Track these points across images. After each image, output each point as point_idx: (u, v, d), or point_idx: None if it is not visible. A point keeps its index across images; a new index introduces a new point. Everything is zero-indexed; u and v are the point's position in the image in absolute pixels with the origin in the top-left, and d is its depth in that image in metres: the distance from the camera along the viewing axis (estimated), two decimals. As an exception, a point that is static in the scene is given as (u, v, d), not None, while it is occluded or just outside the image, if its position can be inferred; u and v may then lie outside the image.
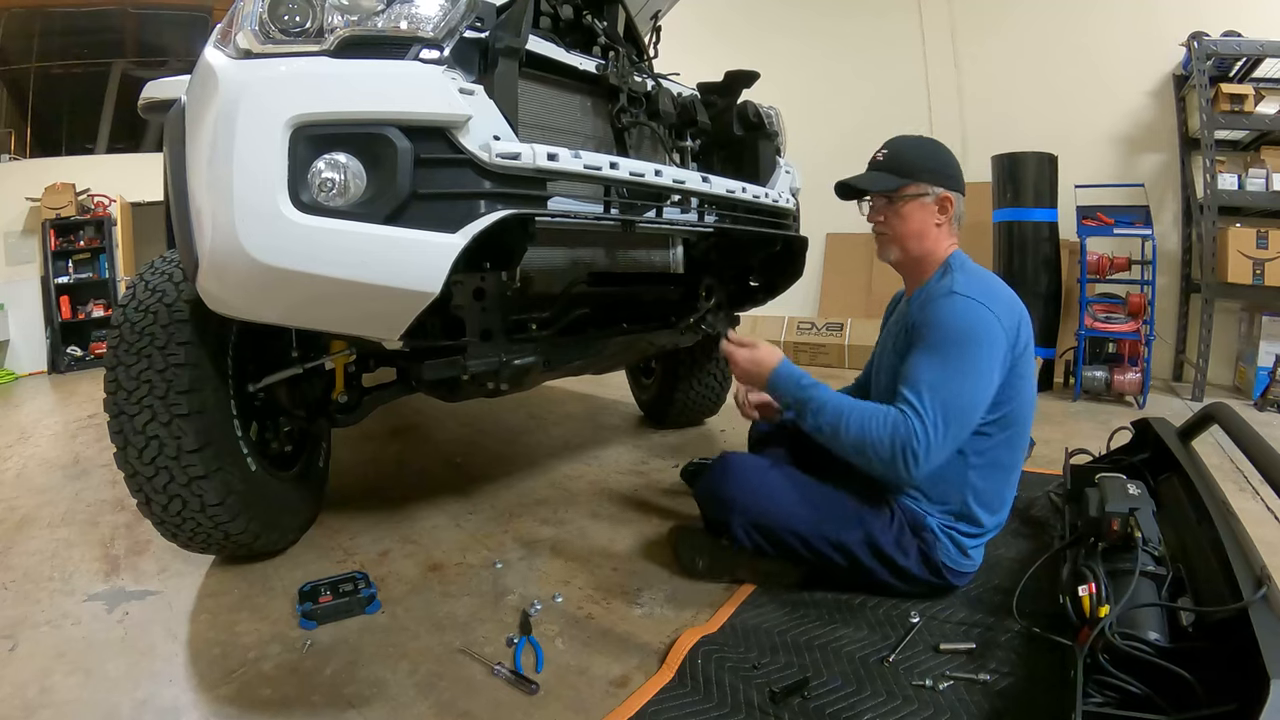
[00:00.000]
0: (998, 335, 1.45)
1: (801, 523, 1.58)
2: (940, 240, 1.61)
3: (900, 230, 1.61)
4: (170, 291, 1.73)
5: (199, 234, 1.35)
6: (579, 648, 1.50)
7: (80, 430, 3.83)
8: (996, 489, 1.60)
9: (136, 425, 1.63)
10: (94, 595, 1.80)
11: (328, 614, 1.62)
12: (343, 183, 1.26)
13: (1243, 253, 3.99)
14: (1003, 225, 4.40)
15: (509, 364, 1.64)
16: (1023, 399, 1.54)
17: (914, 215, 1.59)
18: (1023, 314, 1.53)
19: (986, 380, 1.45)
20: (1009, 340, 1.47)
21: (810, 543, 1.58)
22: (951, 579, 1.60)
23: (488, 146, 1.31)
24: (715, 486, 1.68)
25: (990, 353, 1.45)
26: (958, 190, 1.60)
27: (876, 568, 1.57)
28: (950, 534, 1.57)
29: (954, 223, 1.61)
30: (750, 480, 1.63)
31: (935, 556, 1.56)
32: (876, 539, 1.55)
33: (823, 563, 1.60)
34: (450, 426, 3.50)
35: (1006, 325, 1.46)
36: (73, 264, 6.57)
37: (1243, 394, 4.15)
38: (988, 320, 1.45)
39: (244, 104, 1.24)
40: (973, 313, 1.45)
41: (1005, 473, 1.61)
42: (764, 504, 1.60)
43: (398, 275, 1.28)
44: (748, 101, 2.32)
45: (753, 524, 1.61)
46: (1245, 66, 4.13)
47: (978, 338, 1.44)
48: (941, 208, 1.58)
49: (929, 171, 1.58)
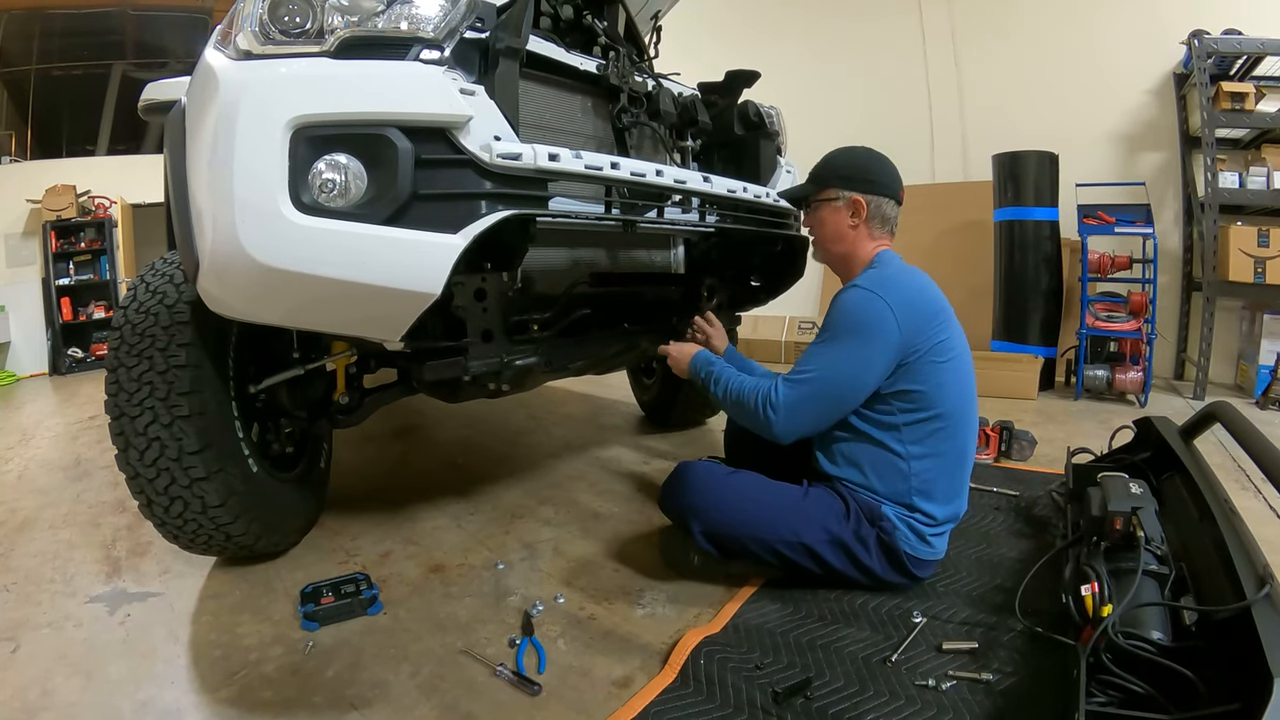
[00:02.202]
0: (885, 322, 1.52)
1: (760, 528, 1.61)
2: (859, 242, 1.69)
3: (818, 234, 1.74)
4: (171, 293, 1.72)
5: (199, 235, 1.35)
6: (581, 648, 1.50)
7: (81, 432, 3.83)
8: (941, 479, 1.62)
9: (138, 427, 1.63)
10: (95, 597, 1.80)
11: (329, 615, 1.62)
12: (343, 183, 1.26)
13: (1244, 251, 3.99)
14: (1004, 224, 4.40)
15: (510, 365, 1.64)
16: (943, 387, 1.58)
17: (828, 219, 1.70)
18: (934, 307, 1.59)
19: (863, 362, 1.53)
20: (902, 328, 1.52)
21: (772, 546, 1.60)
22: (913, 568, 1.62)
23: (488, 147, 1.31)
24: (673, 496, 1.71)
25: (872, 338, 1.52)
26: (876, 194, 1.67)
27: (840, 564, 1.60)
28: (907, 522, 1.60)
29: (873, 224, 1.68)
30: (707, 489, 1.66)
31: (896, 545, 1.58)
32: (836, 533, 1.59)
33: (789, 565, 1.62)
34: (451, 427, 3.50)
35: (900, 314, 1.52)
36: (73, 265, 6.57)
37: (1244, 392, 4.15)
38: (876, 308, 1.52)
39: (244, 105, 1.24)
40: (863, 300, 1.55)
41: (947, 462, 1.62)
42: (721, 512, 1.63)
43: (398, 276, 1.28)
44: (748, 101, 2.31)
45: (711, 532, 1.63)
46: (1246, 64, 4.12)
47: (861, 323, 1.53)
48: (854, 211, 1.67)
49: (842, 178, 1.68)
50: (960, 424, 1.63)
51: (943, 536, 1.67)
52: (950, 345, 1.60)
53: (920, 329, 1.55)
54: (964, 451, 1.66)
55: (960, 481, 1.68)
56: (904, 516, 1.61)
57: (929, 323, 1.57)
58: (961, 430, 1.64)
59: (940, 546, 1.67)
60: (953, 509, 1.67)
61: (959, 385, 1.62)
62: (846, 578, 1.63)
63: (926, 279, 1.66)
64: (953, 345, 1.61)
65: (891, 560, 1.61)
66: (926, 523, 1.62)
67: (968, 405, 1.66)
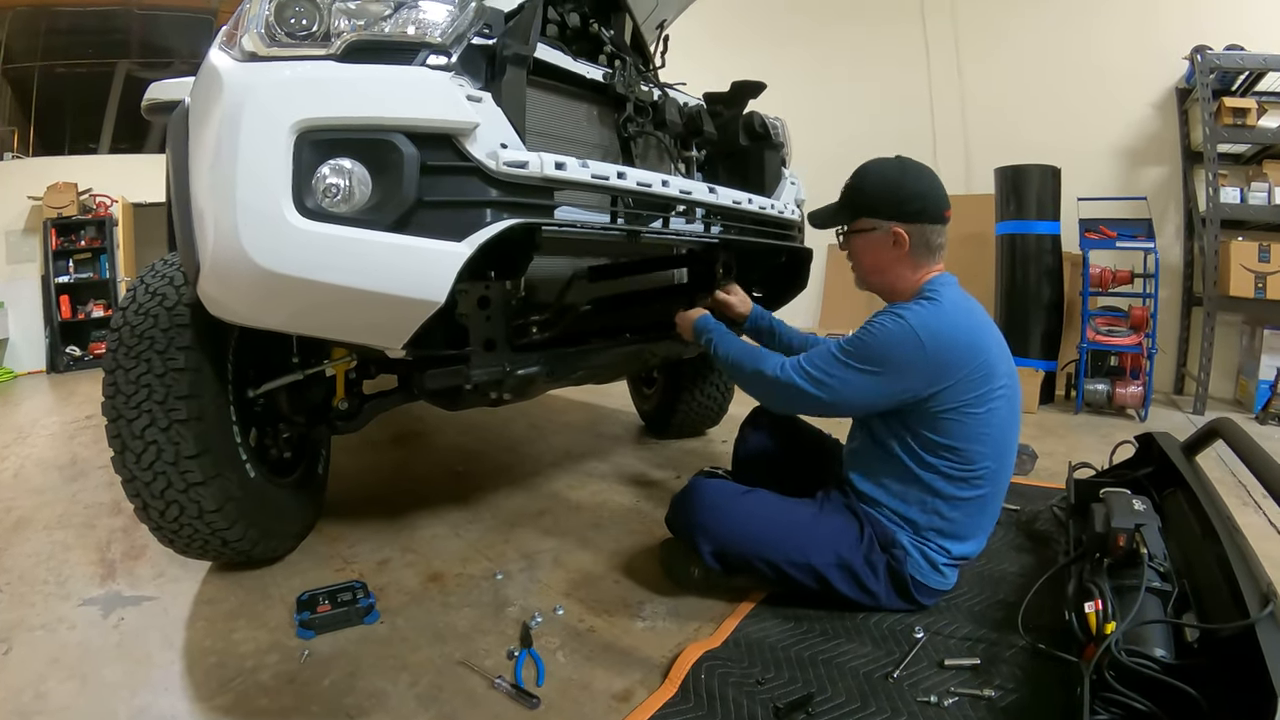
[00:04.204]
0: (914, 365, 1.44)
1: (770, 549, 1.58)
2: (904, 272, 1.58)
3: (859, 263, 1.65)
4: (170, 295, 1.71)
5: (201, 238, 1.34)
6: (581, 661, 1.48)
7: (79, 431, 3.81)
8: (969, 521, 1.60)
9: (135, 430, 1.61)
10: (89, 600, 1.78)
11: (326, 624, 1.60)
12: (347, 189, 1.25)
13: (1245, 266, 4.00)
14: (1005, 238, 4.40)
15: (513, 374, 1.63)
16: (982, 440, 1.52)
17: (867, 250, 1.60)
18: (977, 352, 1.48)
19: (876, 392, 1.48)
20: (931, 376, 1.45)
21: (779, 568, 1.58)
22: (918, 594, 1.59)
23: (495, 155, 1.30)
24: (682, 513, 1.69)
25: (895, 376, 1.45)
26: (917, 221, 1.53)
27: (846, 589, 1.58)
28: (923, 550, 1.58)
29: (918, 253, 1.55)
30: (718, 508, 1.63)
31: (905, 572, 1.56)
32: (846, 558, 1.56)
33: (796, 587, 1.60)
34: (451, 434, 3.48)
35: (933, 361, 1.44)
36: (73, 264, 6.56)
37: (1244, 407, 4.15)
38: (910, 350, 1.44)
39: (249, 107, 1.23)
40: (899, 336, 1.45)
41: (981, 506, 1.60)
42: (731, 532, 1.60)
43: (402, 283, 1.27)
44: (754, 112, 2.31)
45: (720, 551, 1.61)
46: (1248, 80, 4.14)
47: (889, 358, 1.45)
48: (895, 241, 1.55)
49: (881, 205, 1.56)
50: (999, 471, 1.60)
51: (955, 569, 1.65)
52: (990, 395, 1.51)
53: (954, 375, 1.47)
54: (998, 496, 1.64)
55: (987, 524, 1.66)
56: (920, 545, 1.59)
57: (966, 368, 1.47)
58: (1001, 477, 1.61)
59: (951, 579, 1.65)
60: (971, 547, 1.65)
61: (999, 435, 1.55)
62: (851, 602, 1.61)
63: (980, 317, 1.56)
64: (993, 394, 1.51)
65: (898, 587, 1.59)
66: (942, 554, 1.59)
67: (1008, 454, 1.62)
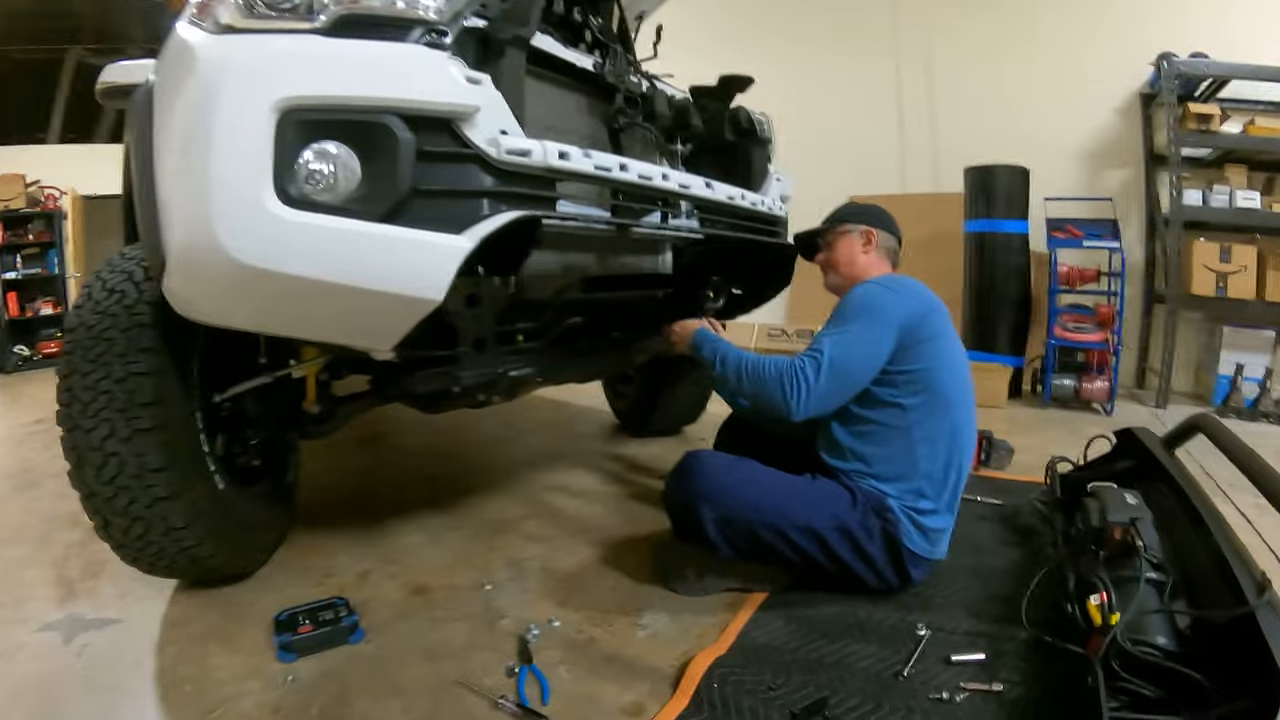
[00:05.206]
0: (890, 308, 1.66)
1: (771, 513, 1.62)
2: (869, 266, 1.88)
3: (833, 259, 1.93)
4: (130, 292, 1.58)
5: (166, 229, 1.22)
6: (585, 675, 1.42)
7: (28, 436, 3.57)
8: (937, 456, 1.68)
9: (93, 441, 1.49)
10: (49, 624, 1.65)
11: (308, 645, 1.49)
12: (335, 175, 1.15)
13: (1207, 266, 4.13)
14: (974, 235, 4.46)
15: (504, 376, 1.55)
16: (941, 368, 1.69)
17: (843, 246, 1.91)
18: (934, 305, 1.74)
19: (872, 340, 1.64)
20: (905, 314, 1.66)
21: (784, 533, 1.61)
22: (911, 566, 1.66)
23: (495, 142, 1.22)
24: (683, 484, 1.69)
25: (878, 318, 1.65)
26: (884, 229, 1.91)
27: (846, 554, 1.63)
28: (910, 514, 1.64)
29: (882, 253, 1.90)
30: (718, 475, 1.68)
31: (899, 539, 1.63)
32: (843, 520, 1.62)
33: (798, 555, 1.63)
34: (421, 434, 3.36)
35: (906, 305, 1.68)
36: (21, 259, 6.20)
37: (1203, 401, 4.31)
38: (883, 296, 1.69)
39: (226, 83, 1.13)
40: (872, 290, 1.72)
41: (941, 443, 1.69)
42: (733, 497, 1.63)
43: (396, 279, 1.18)
44: (740, 107, 2.27)
45: (724, 519, 1.62)
46: (1211, 87, 4.27)
47: (870, 308, 1.67)
48: (866, 239, 1.89)
49: (854, 216, 1.93)
50: (960, 409, 1.72)
51: (943, 536, 1.72)
52: (946, 336, 1.74)
53: (920, 319, 1.68)
54: (950, 434, 1.70)
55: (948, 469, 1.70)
56: (907, 510, 1.65)
57: (928, 315, 1.70)
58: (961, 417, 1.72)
59: (942, 548, 1.72)
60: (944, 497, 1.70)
61: (955, 369, 1.74)
62: (850, 570, 1.65)
63: (925, 286, 1.80)
64: (949, 336, 1.75)
65: (892, 553, 1.64)
66: (926, 509, 1.66)
67: (965, 394, 1.76)
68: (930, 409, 1.68)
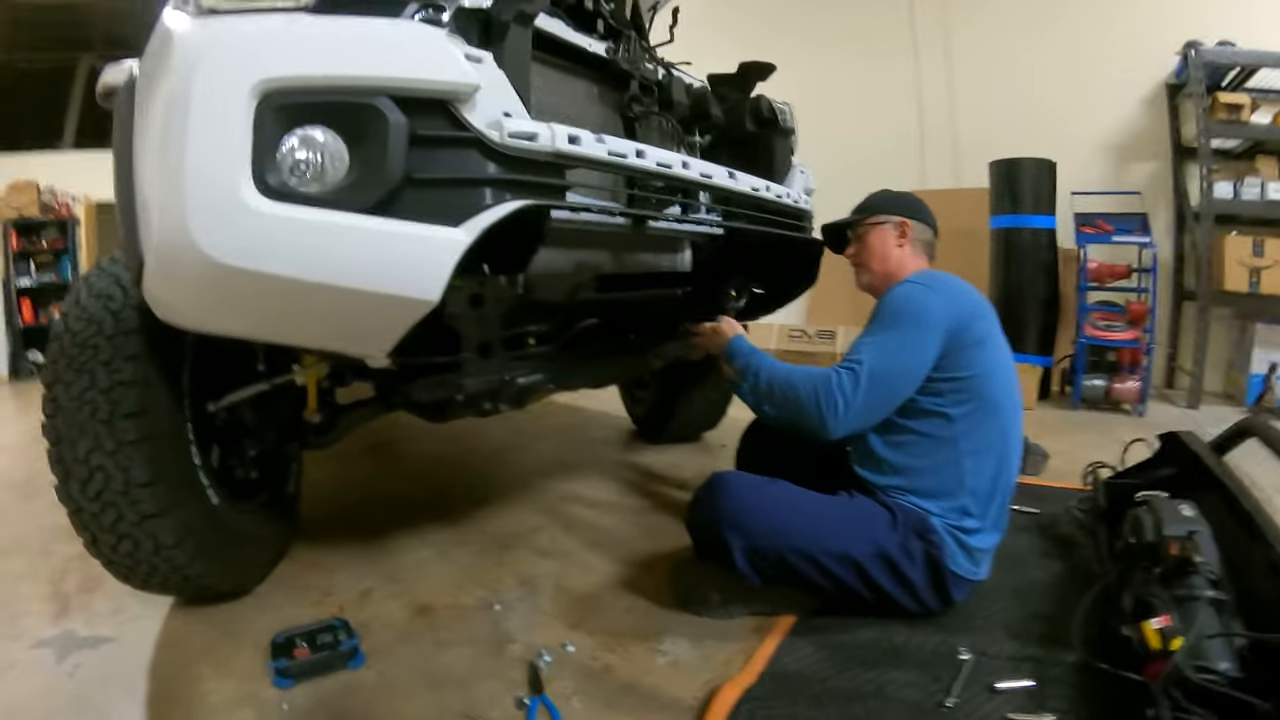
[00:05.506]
0: (934, 311, 1.54)
1: (804, 539, 1.51)
2: (904, 261, 1.75)
3: (865, 255, 1.78)
4: (117, 296, 1.50)
5: (144, 228, 1.13)
6: (601, 708, 1.30)
7: (36, 442, 3.49)
8: (985, 470, 1.57)
9: (78, 454, 1.42)
10: (42, 641, 1.59)
11: (305, 670, 1.40)
12: (320, 163, 1.05)
13: (1240, 261, 4.00)
14: (1000, 232, 4.33)
15: (511, 383, 1.44)
16: (986, 375, 1.57)
17: (875, 240, 1.77)
18: (979, 305, 1.63)
19: (916, 348, 1.53)
20: (950, 318, 1.54)
21: (818, 561, 1.50)
22: (953, 588, 1.55)
23: (498, 124, 1.11)
24: (708, 509, 1.58)
25: (923, 325, 1.53)
26: (917, 220, 1.77)
27: (885, 581, 1.52)
28: (954, 533, 1.54)
29: (918, 247, 1.77)
30: (745, 499, 1.56)
31: (942, 560, 1.52)
32: (883, 545, 1.51)
33: (833, 584, 1.52)
34: (428, 442, 3.26)
35: (951, 307, 1.56)
36: (35, 266, 6.26)
37: (1235, 401, 4.17)
38: (926, 298, 1.56)
39: (203, 67, 1.03)
40: (914, 292, 1.59)
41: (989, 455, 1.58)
42: (762, 524, 1.52)
43: (387, 278, 1.08)
44: (761, 96, 2.16)
45: (753, 548, 1.51)
46: (1239, 76, 4.15)
47: (912, 312, 1.55)
48: (900, 232, 1.75)
49: (887, 207, 1.80)
50: (1010, 417, 1.61)
51: (986, 556, 1.61)
52: (994, 339, 1.63)
53: (967, 322, 1.57)
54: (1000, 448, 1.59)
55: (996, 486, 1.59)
56: (951, 526, 1.53)
57: (974, 318, 1.59)
58: (1010, 426, 1.61)
59: (984, 568, 1.61)
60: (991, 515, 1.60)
61: (1004, 374, 1.62)
62: (888, 597, 1.53)
63: (971, 285, 1.67)
64: (997, 339, 1.64)
65: (934, 577, 1.53)
66: (971, 528, 1.55)
67: (1014, 401, 1.64)
68: (979, 419, 1.56)
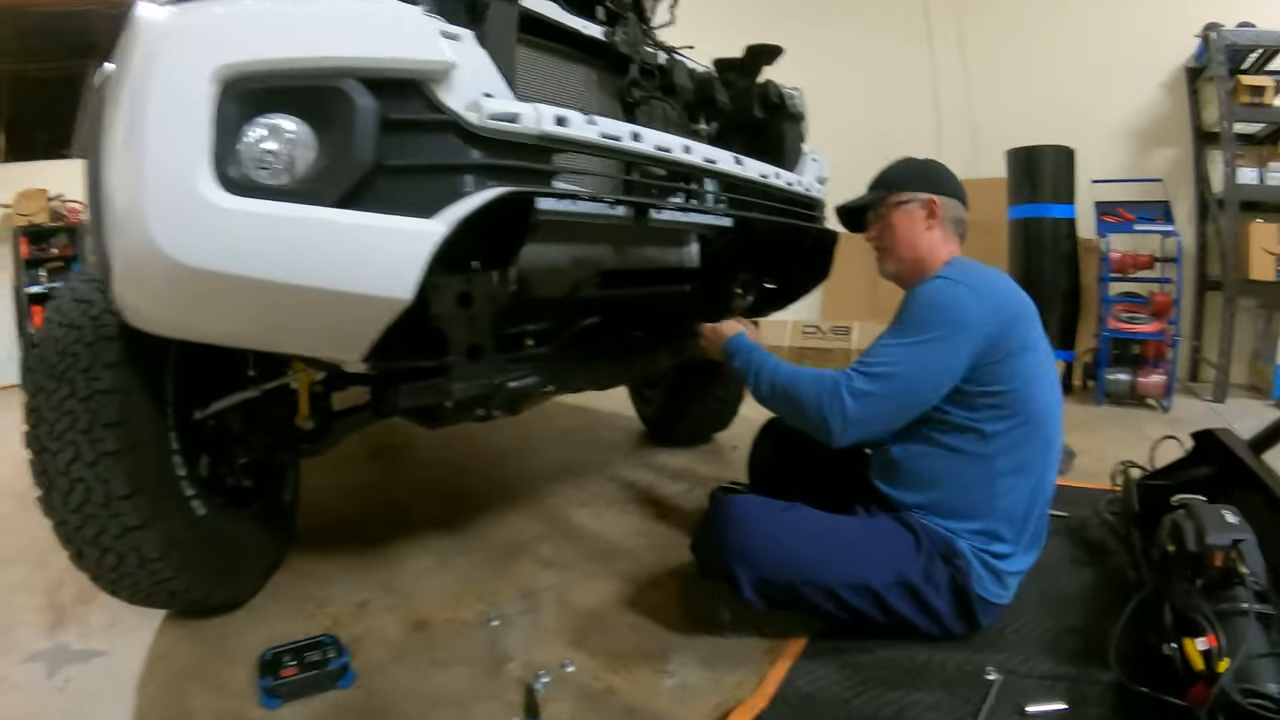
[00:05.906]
0: (972, 315, 1.39)
1: (817, 570, 1.40)
2: (935, 246, 1.57)
3: (889, 241, 1.61)
4: (98, 301, 1.44)
5: (110, 229, 1.06)
6: (601, 734, 1.23)
7: None
8: (1020, 490, 1.45)
9: (59, 465, 1.36)
10: (35, 654, 1.56)
11: (293, 690, 1.35)
12: (284, 153, 0.98)
13: (1266, 249, 3.87)
14: (1019, 222, 4.20)
15: (503, 387, 1.36)
16: (1031, 386, 1.44)
17: (900, 224, 1.58)
18: (1022, 306, 1.47)
19: (945, 358, 1.39)
20: (989, 323, 1.39)
21: (834, 592, 1.40)
22: (980, 614, 1.45)
23: (477, 105, 1.03)
24: (714, 539, 1.47)
25: (956, 330, 1.39)
26: (946, 194, 1.58)
27: (907, 610, 1.42)
28: (983, 558, 1.43)
29: (949, 227, 1.58)
30: (756, 528, 1.43)
31: (969, 587, 1.41)
32: (906, 574, 1.40)
33: (848, 613, 1.42)
34: (434, 447, 3.19)
35: (991, 312, 1.40)
36: (45, 273, 6.28)
37: (1261, 393, 4.04)
38: (962, 298, 1.41)
39: (163, 55, 0.97)
40: (947, 290, 1.43)
41: (1027, 476, 1.46)
42: (773, 553, 1.41)
43: (356, 276, 1.01)
44: (770, 81, 2.07)
45: (763, 579, 1.40)
46: (1261, 58, 4.02)
47: (945, 316, 1.40)
48: (929, 212, 1.56)
49: (912, 181, 1.60)
50: (1042, 433, 1.46)
51: (1016, 579, 1.50)
52: (1037, 347, 1.47)
53: (1007, 328, 1.41)
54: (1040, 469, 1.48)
55: (1034, 506, 1.48)
56: (980, 550, 1.43)
57: (1015, 322, 1.43)
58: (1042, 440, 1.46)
59: (1012, 588, 1.50)
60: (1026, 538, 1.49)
61: (1047, 390, 1.48)
62: (909, 624, 1.43)
63: (1011, 279, 1.53)
64: (1039, 346, 1.48)
65: (960, 604, 1.42)
66: (1001, 553, 1.44)
67: (1055, 415, 1.50)
68: (1019, 437, 1.43)
